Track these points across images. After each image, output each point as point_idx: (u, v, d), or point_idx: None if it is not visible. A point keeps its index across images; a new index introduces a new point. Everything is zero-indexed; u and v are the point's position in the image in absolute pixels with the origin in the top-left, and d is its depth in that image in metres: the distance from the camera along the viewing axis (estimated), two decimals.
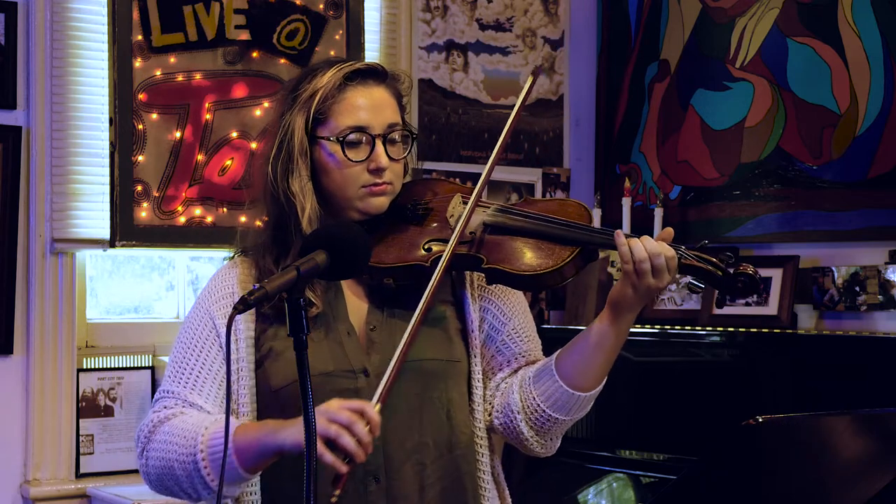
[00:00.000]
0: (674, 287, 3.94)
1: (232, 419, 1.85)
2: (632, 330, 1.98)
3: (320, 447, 1.71)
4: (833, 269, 3.64)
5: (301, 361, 1.68)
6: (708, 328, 3.66)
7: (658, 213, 4.07)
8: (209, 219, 3.62)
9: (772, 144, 3.90)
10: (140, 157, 3.52)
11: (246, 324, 1.97)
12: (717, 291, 1.96)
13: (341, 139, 1.96)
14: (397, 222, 2.02)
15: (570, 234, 1.93)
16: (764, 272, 3.75)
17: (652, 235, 1.94)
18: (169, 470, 1.88)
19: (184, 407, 1.94)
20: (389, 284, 1.97)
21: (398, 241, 1.99)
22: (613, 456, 3.63)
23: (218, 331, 1.97)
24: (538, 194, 4.32)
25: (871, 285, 3.55)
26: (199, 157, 3.61)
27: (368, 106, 1.98)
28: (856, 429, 2.05)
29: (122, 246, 3.48)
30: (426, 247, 1.96)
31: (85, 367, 3.55)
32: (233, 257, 2.10)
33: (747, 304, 3.75)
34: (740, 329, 3.60)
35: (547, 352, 2.09)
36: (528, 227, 1.96)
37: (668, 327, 3.67)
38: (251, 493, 1.95)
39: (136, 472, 3.53)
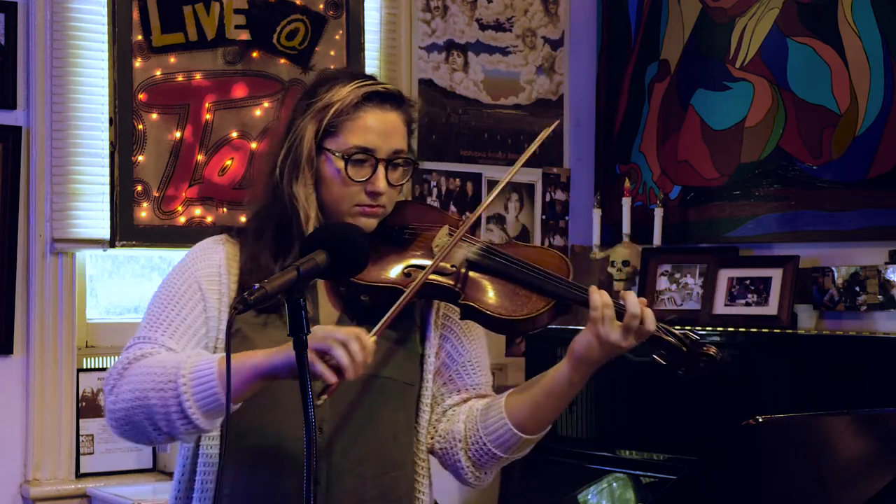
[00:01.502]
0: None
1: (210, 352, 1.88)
2: None
3: (312, 356, 1.72)
4: (833, 269, 3.64)
5: (301, 361, 1.69)
6: (708, 328, 3.65)
7: (658, 213, 4.06)
8: (209, 219, 3.62)
9: (772, 144, 3.90)
10: (140, 157, 3.52)
11: (229, 297, 1.99)
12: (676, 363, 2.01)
13: (347, 157, 1.98)
14: (382, 243, 2.04)
15: (548, 286, 1.97)
16: (764, 272, 3.76)
17: (652, 235, 1.97)
18: (142, 401, 1.84)
19: (160, 351, 1.93)
20: (365, 302, 2.00)
21: (380, 261, 2.01)
22: (613, 456, 3.63)
23: (204, 295, 1.98)
24: (538, 194, 4.32)
25: (871, 285, 3.55)
26: (199, 157, 3.61)
27: (379, 130, 2.00)
28: (856, 429, 2.05)
29: (122, 246, 3.48)
30: (406, 271, 1.99)
31: (85, 367, 3.55)
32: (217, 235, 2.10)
33: (747, 305, 3.75)
34: (740, 329, 3.60)
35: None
36: (510, 272, 1.99)
37: (668, 327, 3.67)
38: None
39: (136, 472, 3.55)
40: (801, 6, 3.83)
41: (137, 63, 3.52)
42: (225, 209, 3.64)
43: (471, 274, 2.00)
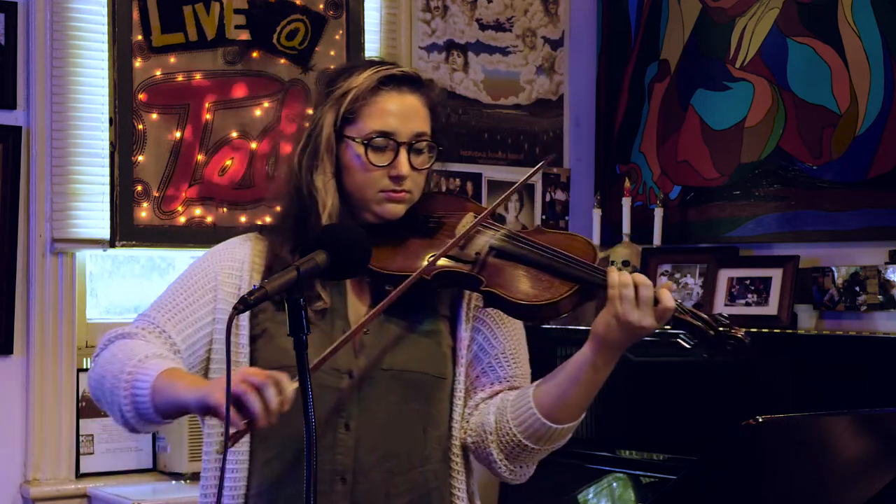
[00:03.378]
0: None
1: (167, 358, 1.88)
2: None
3: (220, 401, 1.68)
4: (833, 269, 3.64)
5: (301, 361, 1.68)
6: None
7: (658, 213, 4.06)
8: (209, 219, 3.62)
9: (772, 144, 3.90)
10: (140, 157, 3.52)
11: (250, 288, 1.96)
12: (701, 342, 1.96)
13: (367, 142, 1.97)
14: (408, 231, 2.02)
15: (572, 270, 1.93)
16: (764, 272, 3.76)
17: (652, 235, 1.95)
18: (101, 380, 1.90)
19: (157, 334, 1.95)
20: (390, 291, 1.96)
21: (405, 250, 1.99)
22: (613, 456, 3.63)
23: (217, 287, 1.99)
24: (538, 194, 4.32)
25: (871, 285, 3.55)
26: (199, 157, 3.61)
27: (398, 112, 1.98)
28: (856, 429, 2.05)
29: (122, 246, 3.48)
30: (430, 260, 1.96)
31: (85, 367, 3.54)
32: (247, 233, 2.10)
33: (747, 305, 3.75)
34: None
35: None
36: (533, 257, 1.95)
37: (668, 327, 3.67)
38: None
39: (136, 472, 3.55)
40: (801, 6, 3.83)
41: (137, 63, 3.52)
42: (225, 209, 3.64)
43: (493, 260, 1.96)
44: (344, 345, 1.85)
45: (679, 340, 1.96)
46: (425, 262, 1.95)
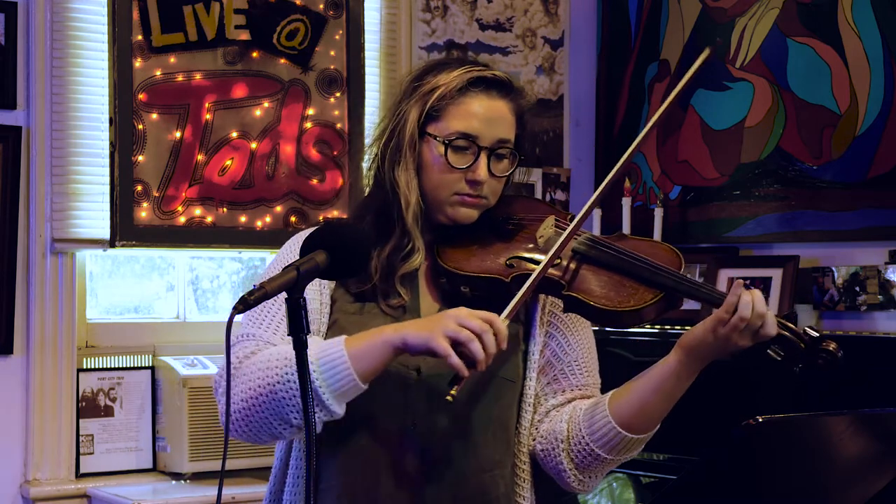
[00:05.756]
0: None
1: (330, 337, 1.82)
2: (631, 330, 1.97)
3: (446, 348, 1.70)
4: (833, 269, 3.64)
5: (301, 361, 1.68)
6: None
7: (658, 213, 4.06)
8: (209, 219, 3.62)
9: (772, 144, 3.90)
10: (140, 157, 3.52)
11: (321, 286, 1.94)
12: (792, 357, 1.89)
13: (448, 142, 1.93)
14: (484, 232, 1.98)
15: (657, 277, 1.88)
16: (764, 272, 3.76)
17: (652, 235, 1.94)
18: (267, 396, 1.77)
19: (265, 346, 1.87)
20: (465, 293, 1.93)
21: (482, 251, 1.96)
22: None
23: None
24: (538, 194, 4.32)
25: (871, 285, 3.55)
26: (199, 157, 3.61)
27: (483, 116, 1.95)
28: (856, 429, 2.05)
29: (122, 246, 3.48)
30: (509, 262, 1.92)
31: (85, 367, 3.55)
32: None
33: None
34: None
35: None
36: (616, 262, 1.91)
37: (668, 327, 3.67)
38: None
39: (136, 472, 3.55)
40: (801, 6, 3.83)
41: (137, 63, 3.52)
42: (225, 209, 3.64)
43: (576, 265, 1.92)
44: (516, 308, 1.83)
45: (770, 352, 1.90)
46: (503, 265, 1.91)
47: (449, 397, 1.72)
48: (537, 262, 1.91)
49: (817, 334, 1.86)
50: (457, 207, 1.95)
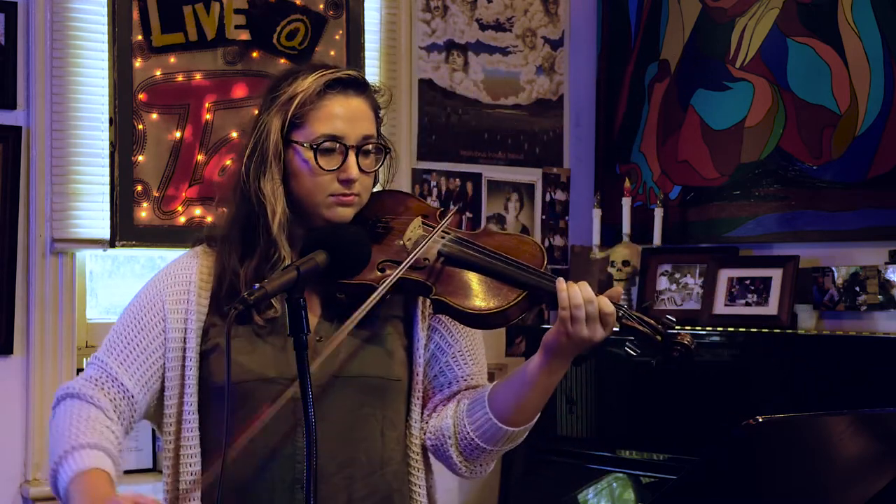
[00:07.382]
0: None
1: (99, 455, 1.88)
2: None
3: None
4: (833, 269, 3.65)
5: (301, 361, 1.68)
6: (708, 328, 3.66)
7: (658, 213, 4.07)
8: (209, 219, 3.62)
9: (772, 144, 3.90)
10: (140, 157, 3.52)
11: (197, 314, 1.99)
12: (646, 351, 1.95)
13: (315, 146, 1.96)
14: None
15: (520, 276, 1.93)
16: (764, 272, 3.76)
17: (652, 235, 1.95)
18: (51, 438, 1.95)
19: (109, 385, 1.97)
20: (342, 300, 1.97)
21: None
22: (613, 456, 3.63)
23: (165, 316, 1.99)
24: (538, 194, 4.32)
25: (871, 285, 3.55)
26: (199, 157, 3.61)
27: (345, 116, 1.98)
28: (856, 429, 2.05)
29: (122, 246, 3.48)
30: (380, 267, 1.96)
31: (85, 367, 3.54)
32: (194, 245, 2.11)
33: (747, 305, 3.75)
34: (740, 329, 3.60)
35: None
36: (481, 263, 1.95)
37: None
38: None
39: (136, 472, 3.55)
40: (801, 6, 3.83)
41: (137, 63, 3.52)
42: (224, 209, 3.64)
43: (443, 267, 1.96)
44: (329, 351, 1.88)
45: (626, 349, 1.95)
46: (374, 270, 1.94)
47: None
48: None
49: (671, 324, 1.93)
50: (333, 208, 1.99)
